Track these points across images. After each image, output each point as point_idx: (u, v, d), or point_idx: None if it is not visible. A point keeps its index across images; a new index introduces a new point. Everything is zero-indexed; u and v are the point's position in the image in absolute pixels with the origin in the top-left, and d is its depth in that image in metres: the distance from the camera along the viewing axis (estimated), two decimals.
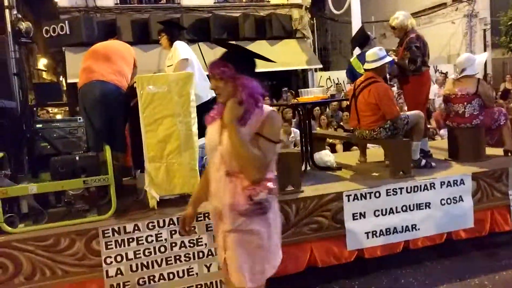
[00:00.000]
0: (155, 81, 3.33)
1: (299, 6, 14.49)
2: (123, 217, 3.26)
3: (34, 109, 4.24)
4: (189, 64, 4.04)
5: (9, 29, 3.37)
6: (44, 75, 19.97)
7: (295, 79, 15.60)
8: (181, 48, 4.07)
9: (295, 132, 7.18)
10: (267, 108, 2.04)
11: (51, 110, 9.63)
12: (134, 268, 3.13)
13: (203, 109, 3.12)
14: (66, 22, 11.32)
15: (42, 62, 19.52)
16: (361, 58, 4.88)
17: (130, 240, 3.14)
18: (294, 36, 14.27)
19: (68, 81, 10.53)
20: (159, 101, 3.33)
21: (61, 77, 16.46)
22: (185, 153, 3.42)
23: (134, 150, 4.24)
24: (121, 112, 4.07)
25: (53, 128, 3.94)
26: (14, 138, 3.53)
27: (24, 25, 3.24)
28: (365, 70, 4.26)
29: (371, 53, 4.18)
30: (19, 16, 3.30)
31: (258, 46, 13.14)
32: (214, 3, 13.77)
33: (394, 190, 3.68)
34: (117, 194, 3.29)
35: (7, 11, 3.35)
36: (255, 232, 2.01)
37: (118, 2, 12.54)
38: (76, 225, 3.12)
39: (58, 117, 9.34)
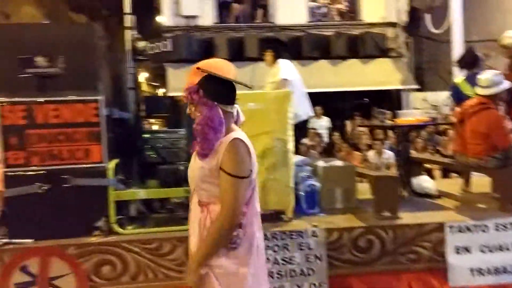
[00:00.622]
0: (255, 99, 3.45)
1: (393, 24, 14.09)
2: None
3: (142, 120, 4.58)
4: (289, 84, 4.12)
5: (128, 47, 3.72)
6: (143, 87, 21.58)
7: (388, 99, 15.10)
8: (284, 67, 4.18)
9: (389, 154, 6.94)
10: (229, 137, 1.89)
11: (149, 121, 10.40)
12: None
13: (301, 127, 3.18)
14: (169, 40, 12.17)
15: (143, 76, 21.14)
16: (470, 80, 4.60)
17: None
18: (389, 55, 13.87)
19: (168, 94, 11.27)
20: (257, 117, 3.41)
21: (157, 90, 17.70)
22: (281, 170, 3.47)
23: None
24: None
25: (159, 138, 4.24)
26: (127, 146, 3.86)
27: (141, 44, 3.56)
28: (477, 95, 3.99)
29: (485, 78, 3.90)
30: (137, 35, 3.65)
31: (351, 65, 12.98)
32: (308, 22, 13.92)
33: (505, 225, 3.38)
34: None
35: (127, 31, 3.72)
36: (223, 268, 1.88)
37: (217, 21, 13.21)
38: (177, 232, 3.30)
39: (154, 127, 10.05)
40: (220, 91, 1.95)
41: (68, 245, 3.19)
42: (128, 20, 3.58)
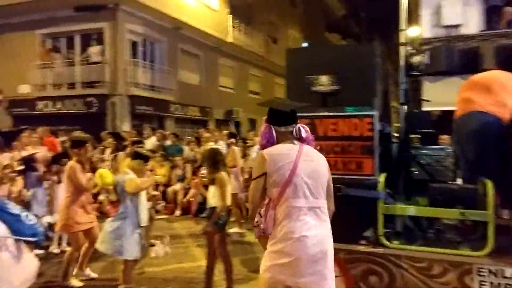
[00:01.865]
0: None
1: None
2: (500, 259, 3.00)
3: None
4: None
5: (402, 62, 3.76)
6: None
7: None
8: None
9: None
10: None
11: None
12: None
13: None
14: (427, 52, 11.67)
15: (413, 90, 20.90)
16: None
17: (508, 286, 2.86)
18: None
19: (423, 109, 10.80)
20: None
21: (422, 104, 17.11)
22: None
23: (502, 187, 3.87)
24: (498, 145, 3.79)
25: (424, 155, 4.09)
26: (394, 161, 3.89)
27: (417, 59, 3.54)
28: None
29: None
30: (412, 51, 3.64)
31: None
32: None
33: None
34: None
35: (401, 47, 3.76)
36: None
37: (484, 28, 11.92)
38: (448, 255, 3.11)
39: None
40: (273, 115, 2.78)
41: (339, 250, 3.42)
42: (403, 36, 3.62)
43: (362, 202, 3.44)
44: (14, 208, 3.16)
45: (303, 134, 2.73)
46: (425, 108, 11.08)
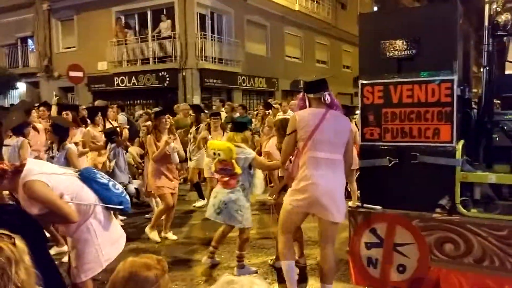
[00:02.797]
0: None
1: None
2: None
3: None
4: None
5: (485, 22, 3.52)
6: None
7: None
8: None
9: None
10: None
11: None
12: None
13: None
14: None
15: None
16: None
17: None
18: None
19: (507, 72, 10.00)
20: None
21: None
22: None
23: None
24: None
25: (506, 120, 3.86)
26: (474, 127, 3.72)
27: (503, 18, 3.30)
28: None
29: None
30: (499, 9, 3.38)
31: None
32: None
33: None
34: None
35: (486, 5, 3.51)
36: None
37: None
38: None
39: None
40: (305, 84, 3.65)
41: (413, 217, 3.41)
42: None
43: (439, 170, 3.36)
44: (102, 177, 3.25)
45: (328, 101, 3.51)
46: (510, 71, 10.25)
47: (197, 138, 7.33)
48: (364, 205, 3.73)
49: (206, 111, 8.91)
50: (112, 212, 3.30)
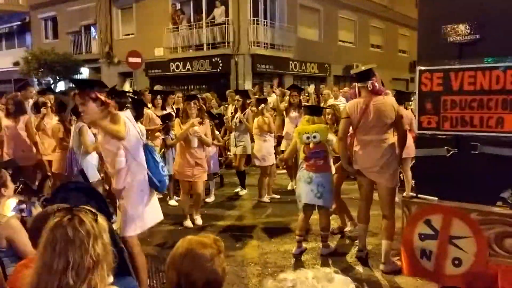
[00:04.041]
0: None
1: None
2: None
3: None
4: None
5: None
6: None
7: None
8: None
9: None
10: None
11: None
12: None
13: None
14: None
15: None
16: None
17: None
18: None
19: None
20: None
21: None
22: None
23: None
24: None
25: None
26: None
27: None
28: None
29: None
30: None
31: None
32: None
33: None
34: None
35: None
36: None
37: None
38: None
39: None
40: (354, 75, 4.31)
41: (471, 210, 3.27)
42: None
43: (502, 161, 3.20)
44: (157, 156, 3.77)
45: (370, 88, 4.05)
46: None
47: (244, 123, 7.23)
48: (419, 195, 3.64)
49: (256, 96, 8.93)
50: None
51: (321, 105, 10.01)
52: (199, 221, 5.84)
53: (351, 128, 4.22)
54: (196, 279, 1.70)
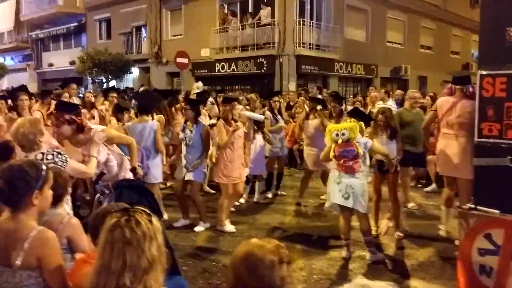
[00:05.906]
0: None
1: None
2: None
3: None
4: None
5: None
6: None
7: None
8: None
9: None
10: None
11: None
12: None
13: None
14: None
15: None
16: None
17: None
18: None
19: None
20: None
21: None
22: None
23: None
24: None
25: None
26: None
27: None
28: None
29: None
30: None
31: None
32: None
33: None
34: None
35: None
36: None
37: None
38: None
39: None
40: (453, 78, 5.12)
41: None
42: None
43: None
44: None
45: (468, 92, 4.66)
46: None
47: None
48: (478, 207, 3.44)
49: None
50: None
51: (369, 108, 9.80)
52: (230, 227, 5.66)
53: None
54: (250, 286, 1.64)
